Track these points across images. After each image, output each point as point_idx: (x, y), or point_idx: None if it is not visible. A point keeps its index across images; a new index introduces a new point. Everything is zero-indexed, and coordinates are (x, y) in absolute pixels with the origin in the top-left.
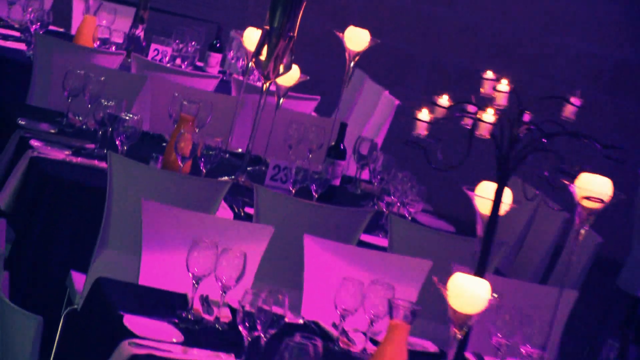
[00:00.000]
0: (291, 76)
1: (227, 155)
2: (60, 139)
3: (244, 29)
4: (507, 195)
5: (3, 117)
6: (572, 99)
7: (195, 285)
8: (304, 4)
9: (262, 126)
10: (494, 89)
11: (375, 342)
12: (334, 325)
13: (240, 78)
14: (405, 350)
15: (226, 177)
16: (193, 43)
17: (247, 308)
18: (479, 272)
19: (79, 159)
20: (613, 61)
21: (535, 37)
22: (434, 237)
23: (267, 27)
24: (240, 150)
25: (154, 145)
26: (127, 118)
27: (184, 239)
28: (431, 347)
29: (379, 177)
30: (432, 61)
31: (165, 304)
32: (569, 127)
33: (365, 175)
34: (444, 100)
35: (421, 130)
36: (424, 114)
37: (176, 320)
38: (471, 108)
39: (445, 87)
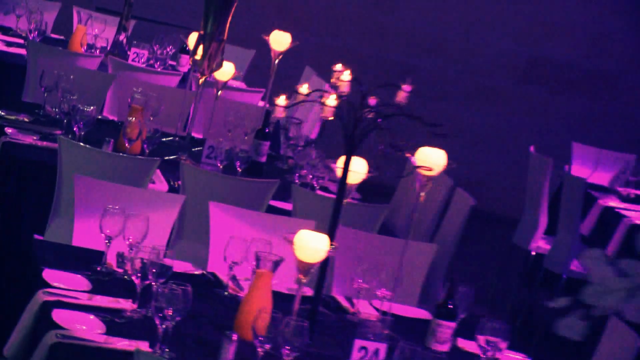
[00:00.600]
0: (226, 72)
1: (177, 139)
2: (33, 127)
3: None
4: (362, 165)
5: None
6: (404, 86)
7: (108, 244)
8: (231, 13)
9: (208, 114)
10: (338, 79)
11: None
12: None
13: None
14: (269, 293)
15: (171, 157)
16: (170, 47)
17: (145, 260)
18: (331, 228)
19: (45, 143)
20: (526, 56)
21: (461, 37)
22: (328, 203)
23: (202, 32)
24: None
25: (114, 131)
26: (84, 109)
27: (108, 206)
28: (309, 292)
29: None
30: (376, 58)
31: (85, 260)
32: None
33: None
34: (304, 88)
35: (279, 113)
36: (281, 100)
37: (89, 273)
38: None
39: (388, 81)
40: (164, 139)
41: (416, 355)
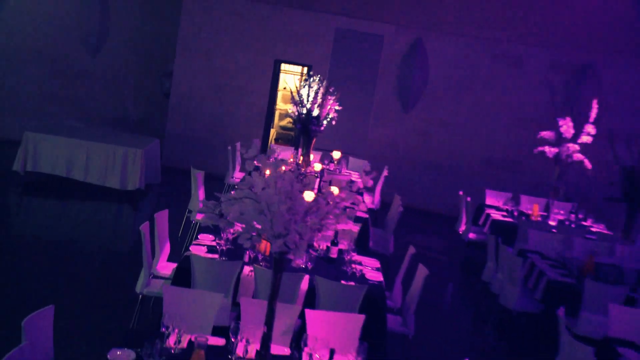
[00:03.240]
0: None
1: None
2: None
3: None
4: None
5: None
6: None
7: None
8: (312, 144)
9: None
10: None
11: None
12: None
13: None
14: None
15: None
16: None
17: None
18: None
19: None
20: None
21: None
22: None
23: (301, 150)
24: None
25: None
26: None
27: None
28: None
29: None
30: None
31: (219, 231)
32: None
33: None
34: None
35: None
36: None
37: (215, 236)
38: None
39: None
40: None
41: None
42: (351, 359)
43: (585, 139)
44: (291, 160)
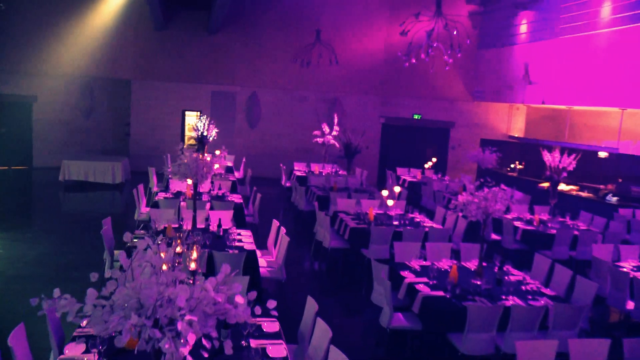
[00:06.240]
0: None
1: None
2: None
3: None
4: None
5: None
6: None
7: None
8: (206, 148)
9: None
10: None
11: None
12: None
13: None
14: None
15: None
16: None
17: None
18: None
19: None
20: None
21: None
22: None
23: (205, 153)
24: None
25: None
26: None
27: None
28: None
29: None
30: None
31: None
32: None
33: None
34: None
35: None
36: None
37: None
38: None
39: None
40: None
41: None
42: (230, 224)
43: (334, 133)
44: (200, 156)
